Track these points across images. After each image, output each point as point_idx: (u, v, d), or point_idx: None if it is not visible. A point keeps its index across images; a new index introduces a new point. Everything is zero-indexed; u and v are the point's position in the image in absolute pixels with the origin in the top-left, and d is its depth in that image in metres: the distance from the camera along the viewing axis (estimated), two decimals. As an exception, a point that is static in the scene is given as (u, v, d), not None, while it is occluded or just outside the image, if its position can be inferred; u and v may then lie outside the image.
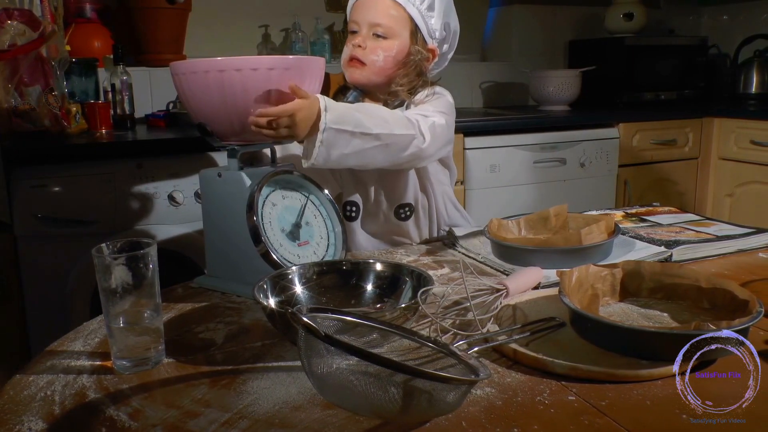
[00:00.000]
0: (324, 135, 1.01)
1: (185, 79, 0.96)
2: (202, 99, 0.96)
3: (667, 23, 3.41)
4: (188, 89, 0.97)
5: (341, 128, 1.02)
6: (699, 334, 0.67)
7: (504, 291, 0.84)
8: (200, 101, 0.97)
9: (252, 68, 0.93)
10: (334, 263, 0.90)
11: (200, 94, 0.96)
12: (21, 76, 1.78)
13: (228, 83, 0.93)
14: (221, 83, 0.93)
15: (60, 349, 0.79)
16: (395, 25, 1.22)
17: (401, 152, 1.12)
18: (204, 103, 0.97)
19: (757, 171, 2.58)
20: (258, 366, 0.73)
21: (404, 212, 1.30)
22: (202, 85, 0.94)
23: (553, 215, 1.18)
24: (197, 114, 0.99)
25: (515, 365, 0.71)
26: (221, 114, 0.96)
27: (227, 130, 0.99)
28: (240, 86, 0.93)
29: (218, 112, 0.96)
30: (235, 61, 0.93)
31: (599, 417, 0.61)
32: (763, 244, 1.16)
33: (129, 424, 0.61)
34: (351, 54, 1.25)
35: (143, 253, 0.72)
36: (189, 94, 0.98)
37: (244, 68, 0.93)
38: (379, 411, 0.57)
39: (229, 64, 0.93)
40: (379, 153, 1.09)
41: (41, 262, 1.74)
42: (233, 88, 0.93)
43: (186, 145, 1.86)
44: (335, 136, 1.02)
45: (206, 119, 0.98)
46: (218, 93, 0.94)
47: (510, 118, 2.50)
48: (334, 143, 1.02)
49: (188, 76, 0.96)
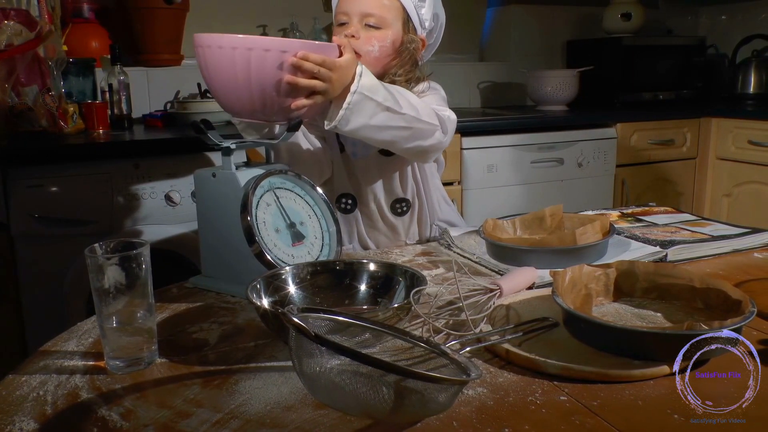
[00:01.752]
0: (353, 98, 1.01)
1: (210, 53, 0.97)
2: (225, 74, 0.97)
3: (665, 23, 3.41)
4: (211, 63, 0.98)
5: (370, 96, 1.03)
6: (691, 334, 0.67)
7: (497, 291, 0.84)
8: (223, 76, 0.98)
9: (282, 50, 0.94)
10: (328, 263, 0.90)
11: (224, 69, 0.97)
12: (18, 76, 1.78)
13: (255, 62, 0.94)
14: (248, 61, 0.94)
15: (53, 349, 0.79)
16: (387, 14, 1.20)
17: (423, 140, 1.13)
18: (226, 78, 0.98)
19: (754, 171, 2.58)
20: (251, 366, 0.73)
21: (401, 208, 1.31)
22: (228, 60, 0.95)
23: (549, 215, 1.18)
24: (218, 88, 1.01)
25: (508, 365, 0.71)
26: (243, 91, 0.97)
27: (245, 106, 1.00)
28: (267, 66, 0.95)
29: (240, 88, 0.97)
30: (264, 42, 0.95)
31: (590, 417, 0.61)
32: (759, 244, 1.16)
33: (121, 424, 0.61)
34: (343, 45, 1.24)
35: (136, 253, 0.72)
36: (212, 69, 0.99)
37: (274, 49, 0.94)
38: (370, 411, 0.57)
39: (259, 44, 0.94)
40: (402, 134, 1.10)
41: (38, 263, 1.74)
42: (260, 67, 0.95)
43: (183, 146, 1.86)
44: (363, 102, 1.02)
45: (225, 95, 1.00)
46: (243, 71, 0.95)
47: (507, 118, 2.51)
48: (360, 110, 1.02)
49: (213, 50, 0.97)
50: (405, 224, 1.33)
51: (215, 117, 2.19)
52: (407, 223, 1.33)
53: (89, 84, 2.16)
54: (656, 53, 2.94)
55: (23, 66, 1.77)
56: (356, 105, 1.02)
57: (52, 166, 1.72)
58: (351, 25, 1.20)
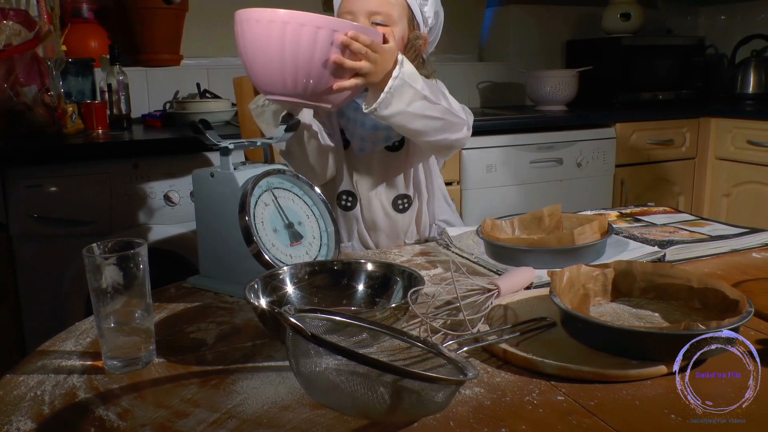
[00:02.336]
0: (395, 82, 1.04)
1: (258, 27, 0.96)
2: (272, 49, 0.96)
3: (664, 23, 3.41)
4: (257, 37, 0.97)
5: (411, 83, 1.07)
6: (688, 334, 0.67)
7: (495, 291, 0.84)
8: (269, 51, 0.96)
9: (333, 29, 0.94)
10: (326, 263, 0.90)
11: (271, 43, 0.96)
12: (17, 76, 1.78)
13: (306, 38, 0.94)
14: (298, 37, 0.94)
15: (51, 349, 0.79)
16: (393, 12, 1.21)
17: (451, 134, 1.17)
18: (271, 53, 0.96)
19: (754, 171, 2.58)
20: (248, 366, 0.73)
21: (402, 204, 1.31)
22: (277, 35, 0.94)
23: (547, 215, 1.18)
24: (259, 63, 0.99)
25: (505, 365, 0.71)
26: (288, 66, 0.97)
27: (287, 84, 0.99)
28: (317, 43, 0.95)
29: (286, 64, 0.96)
30: (316, 19, 0.94)
31: (587, 417, 0.61)
32: (757, 244, 1.16)
33: (118, 424, 0.61)
34: None
35: (134, 253, 0.72)
36: (256, 43, 0.97)
37: (325, 27, 0.94)
38: (366, 411, 0.57)
39: (311, 20, 0.94)
40: (434, 124, 1.14)
41: (37, 262, 1.74)
42: (310, 43, 0.94)
43: (182, 145, 1.86)
44: (403, 88, 1.06)
45: (266, 70, 0.99)
46: (292, 46, 0.94)
47: (507, 118, 2.51)
48: (400, 95, 1.06)
49: (262, 24, 0.95)
50: (406, 221, 1.33)
51: (214, 117, 2.20)
52: (408, 220, 1.33)
53: (88, 84, 2.17)
54: (655, 53, 2.94)
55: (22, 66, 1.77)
56: (397, 90, 1.05)
57: (51, 166, 1.73)
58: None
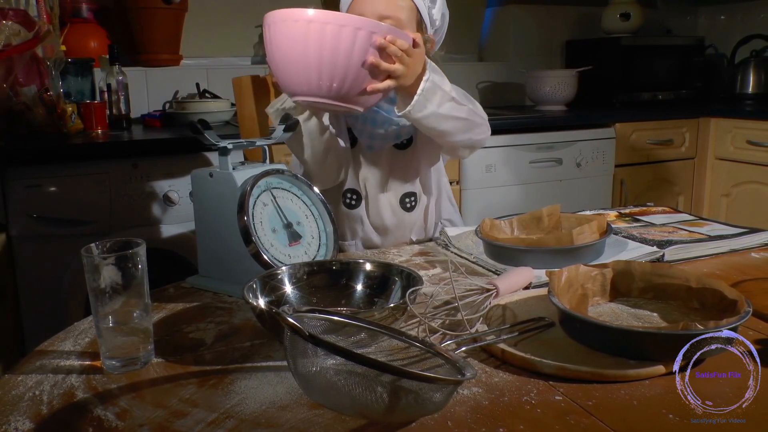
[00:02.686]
0: (426, 85, 1.07)
1: (295, 27, 0.95)
2: (310, 50, 0.95)
3: (664, 23, 3.41)
4: (293, 38, 0.95)
5: (440, 85, 1.10)
6: (686, 334, 0.67)
7: (494, 291, 0.84)
8: (307, 51, 0.95)
9: (372, 31, 0.95)
10: (324, 263, 0.90)
11: (309, 44, 0.95)
12: (16, 76, 1.78)
13: (345, 39, 0.94)
14: (337, 38, 0.94)
15: (50, 349, 0.79)
16: (403, 15, 1.20)
17: (475, 134, 1.21)
18: (306, 53, 0.96)
19: (753, 171, 2.58)
20: (246, 366, 0.73)
21: (410, 202, 1.31)
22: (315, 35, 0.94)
23: (546, 215, 1.18)
24: (291, 63, 0.98)
25: (503, 365, 0.71)
26: (326, 67, 0.96)
27: (321, 85, 0.98)
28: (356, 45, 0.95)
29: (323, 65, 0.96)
30: (355, 20, 0.95)
31: (585, 417, 0.61)
32: (756, 244, 1.16)
33: (116, 424, 0.61)
34: None
35: (132, 252, 0.72)
36: (291, 43, 0.96)
37: (365, 29, 0.94)
38: (364, 411, 0.57)
39: (351, 22, 0.94)
40: (460, 124, 1.17)
41: (36, 262, 1.74)
42: (348, 45, 0.94)
43: (181, 145, 1.86)
44: (433, 90, 1.09)
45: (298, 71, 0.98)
46: (331, 47, 0.94)
47: (506, 118, 2.50)
48: (431, 97, 1.09)
49: (300, 24, 0.94)
50: (413, 219, 1.33)
51: (213, 117, 2.20)
52: (415, 218, 1.33)
53: (88, 84, 2.17)
54: (655, 53, 2.94)
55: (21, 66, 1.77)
56: (428, 92, 1.08)
57: (51, 166, 1.73)
58: None
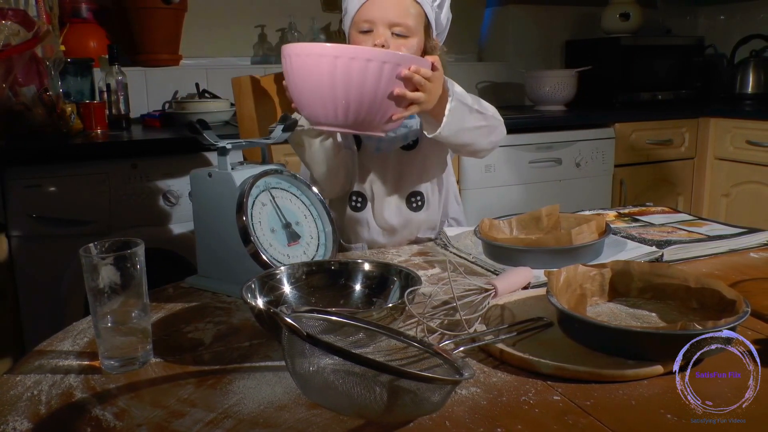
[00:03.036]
0: (452, 104, 1.09)
1: (323, 62, 0.96)
2: (338, 84, 0.97)
3: (663, 23, 3.41)
4: (319, 73, 0.97)
5: (463, 101, 1.13)
6: (684, 334, 0.67)
7: (492, 291, 0.84)
8: (335, 85, 0.97)
9: (397, 63, 0.97)
10: (323, 263, 0.90)
11: (335, 78, 0.96)
12: (15, 76, 1.78)
13: (372, 73, 0.96)
14: (363, 72, 0.96)
15: (48, 349, 0.79)
16: (414, 23, 1.21)
17: (496, 136, 1.23)
18: (333, 87, 0.97)
19: (753, 171, 2.59)
20: (245, 366, 0.73)
21: (416, 202, 1.31)
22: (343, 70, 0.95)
23: (545, 215, 1.18)
24: (316, 97, 1.00)
25: (502, 365, 0.71)
26: (353, 101, 0.98)
27: (348, 117, 1.01)
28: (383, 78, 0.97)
29: (350, 98, 0.98)
30: (381, 54, 0.97)
31: (583, 417, 0.61)
32: (755, 244, 1.16)
33: (114, 424, 0.61)
34: None
35: (131, 252, 0.72)
36: (316, 78, 0.98)
37: (390, 62, 0.97)
38: (362, 411, 0.57)
39: (378, 56, 0.96)
40: (483, 132, 1.20)
41: (36, 262, 1.74)
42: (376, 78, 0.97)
43: (181, 145, 1.86)
44: (458, 107, 1.11)
45: (324, 103, 1.00)
46: (358, 80, 0.96)
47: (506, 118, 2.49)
48: (457, 115, 1.11)
49: (326, 59, 0.96)
50: (419, 219, 1.33)
51: (213, 117, 2.20)
52: (422, 218, 1.33)
53: (87, 84, 2.17)
54: (655, 53, 2.95)
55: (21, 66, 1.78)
56: (454, 111, 1.10)
57: (50, 166, 1.73)
58: (378, 34, 1.19)
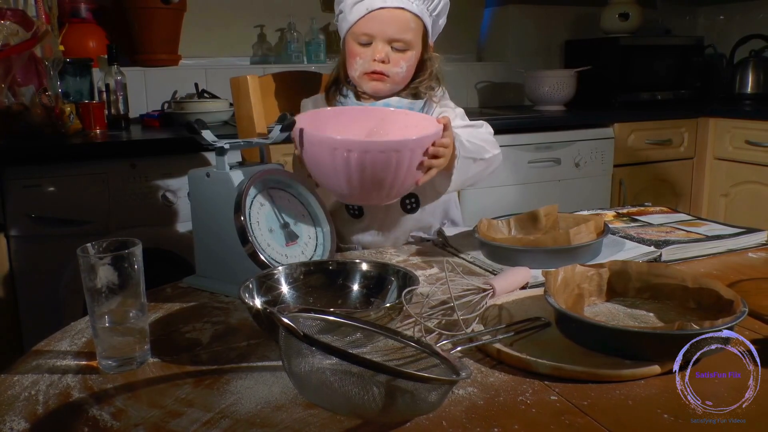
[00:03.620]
0: (459, 162, 1.12)
1: (357, 156, 0.96)
2: (369, 173, 0.98)
3: (663, 23, 3.41)
4: (354, 165, 0.97)
5: (468, 156, 1.15)
6: (681, 334, 0.67)
7: (490, 291, 0.85)
8: (364, 175, 0.99)
9: (425, 145, 1.00)
10: (321, 263, 0.90)
11: (374, 168, 0.98)
12: (14, 76, 1.78)
13: (407, 160, 0.99)
14: (398, 161, 0.98)
15: (46, 349, 0.79)
16: (413, 36, 1.21)
17: (493, 169, 1.26)
18: (365, 175, 0.99)
19: (752, 171, 2.59)
20: (242, 366, 0.73)
21: (410, 204, 1.31)
22: (382, 161, 0.97)
23: (543, 215, 1.18)
24: (345, 184, 1.01)
25: (499, 365, 0.71)
26: (386, 184, 1.01)
27: (373, 197, 1.04)
28: (414, 160, 1.01)
29: (382, 183, 1.00)
30: (410, 142, 0.99)
31: (580, 417, 0.61)
32: (753, 244, 1.16)
33: (111, 424, 0.61)
34: (373, 68, 1.22)
35: (128, 252, 0.72)
36: (347, 169, 0.98)
37: (419, 147, 1.00)
38: (359, 411, 0.57)
39: (404, 145, 0.98)
40: (484, 173, 1.23)
41: (34, 262, 1.74)
42: (410, 163, 1.00)
43: (179, 145, 1.86)
44: (464, 163, 1.14)
45: (352, 188, 1.01)
46: (392, 168, 0.98)
47: (504, 118, 2.51)
48: (463, 170, 1.14)
49: (358, 154, 0.96)
50: (414, 219, 1.32)
51: (212, 117, 2.20)
52: (416, 219, 1.33)
53: (86, 84, 2.17)
54: (654, 53, 2.95)
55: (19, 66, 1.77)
56: (460, 168, 1.13)
57: (49, 166, 1.73)
58: (378, 50, 1.20)
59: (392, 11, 1.18)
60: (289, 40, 2.68)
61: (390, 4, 1.18)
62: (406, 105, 1.25)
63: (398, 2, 1.18)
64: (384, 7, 1.18)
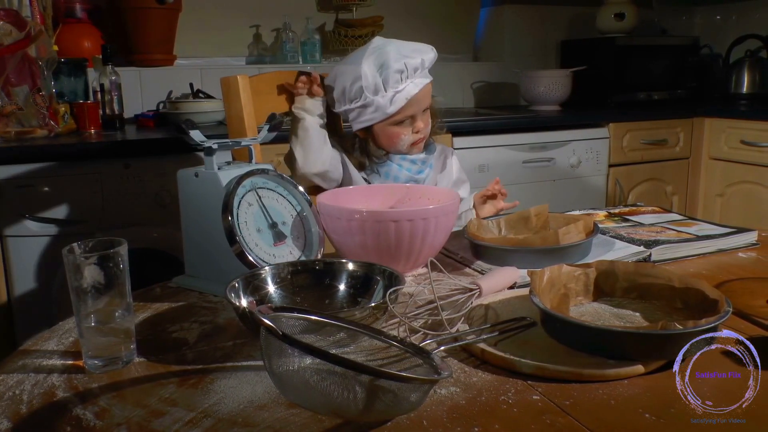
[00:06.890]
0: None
1: (395, 227, 0.96)
2: (398, 241, 0.97)
3: (658, 23, 3.42)
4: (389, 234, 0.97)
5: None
6: (664, 334, 0.67)
7: (476, 291, 0.85)
8: (349, 241, 1.00)
9: (423, 218, 0.99)
10: (308, 263, 0.90)
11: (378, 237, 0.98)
12: (8, 76, 1.78)
13: (434, 228, 0.99)
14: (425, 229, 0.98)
15: (33, 348, 0.79)
16: (431, 97, 1.41)
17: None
18: (352, 244, 1.00)
19: (747, 171, 2.59)
20: (227, 365, 0.73)
21: None
22: (409, 230, 0.97)
23: (534, 215, 1.18)
24: (340, 246, 1.03)
25: (483, 365, 0.72)
26: (415, 250, 1.00)
27: (402, 262, 1.02)
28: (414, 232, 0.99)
29: (411, 250, 1.00)
30: (437, 209, 1.00)
31: (562, 416, 0.61)
32: (743, 244, 1.16)
33: (94, 423, 0.61)
34: (416, 139, 1.39)
35: (114, 252, 0.72)
36: (336, 232, 1.01)
37: (451, 212, 1.02)
38: (339, 411, 0.57)
39: (433, 213, 0.98)
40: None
41: (28, 262, 1.74)
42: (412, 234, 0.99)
43: (173, 145, 1.86)
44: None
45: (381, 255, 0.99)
46: (420, 236, 0.98)
47: (499, 118, 2.51)
48: None
49: (400, 223, 0.96)
50: None
51: (207, 117, 2.20)
52: None
53: (81, 84, 2.17)
54: (650, 53, 2.95)
55: (13, 66, 1.78)
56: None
57: (43, 166, 1.73)
58: (417, 124, 1.37)
59: (423, 89, 1.35)
60: (285, 40, 2.68)
61: (421, 86, 1.34)
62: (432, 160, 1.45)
63: (425, 80, 1.35)
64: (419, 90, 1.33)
